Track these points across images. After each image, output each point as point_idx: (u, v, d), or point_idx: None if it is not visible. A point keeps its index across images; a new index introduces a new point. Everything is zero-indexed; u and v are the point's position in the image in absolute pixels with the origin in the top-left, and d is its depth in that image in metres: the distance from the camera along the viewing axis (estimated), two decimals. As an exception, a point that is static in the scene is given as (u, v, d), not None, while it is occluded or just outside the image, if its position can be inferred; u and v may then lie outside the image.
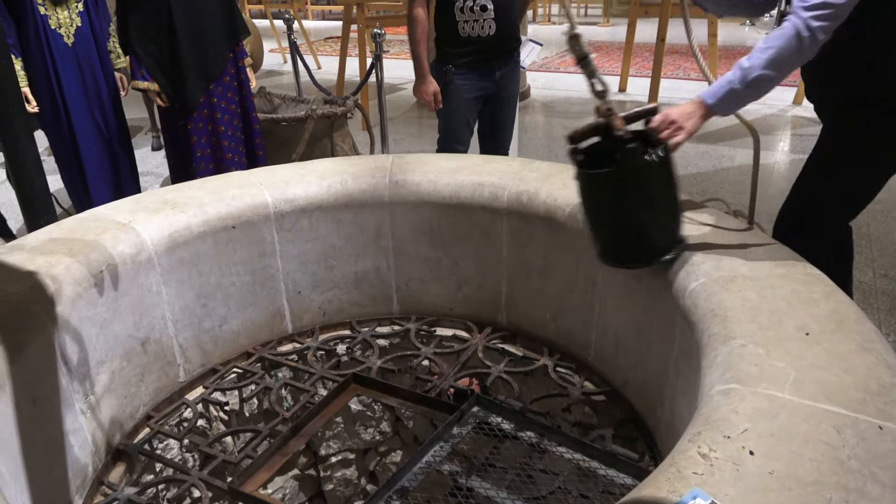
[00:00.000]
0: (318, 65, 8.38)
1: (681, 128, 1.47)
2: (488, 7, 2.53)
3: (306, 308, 2.08)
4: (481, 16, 2.54)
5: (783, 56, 1.46)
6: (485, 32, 2.57)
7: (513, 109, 2.88)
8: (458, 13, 2.53)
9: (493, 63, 2.65)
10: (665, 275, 1.47)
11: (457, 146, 2.79)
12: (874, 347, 1.12)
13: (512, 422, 1.63)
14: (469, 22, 2.54)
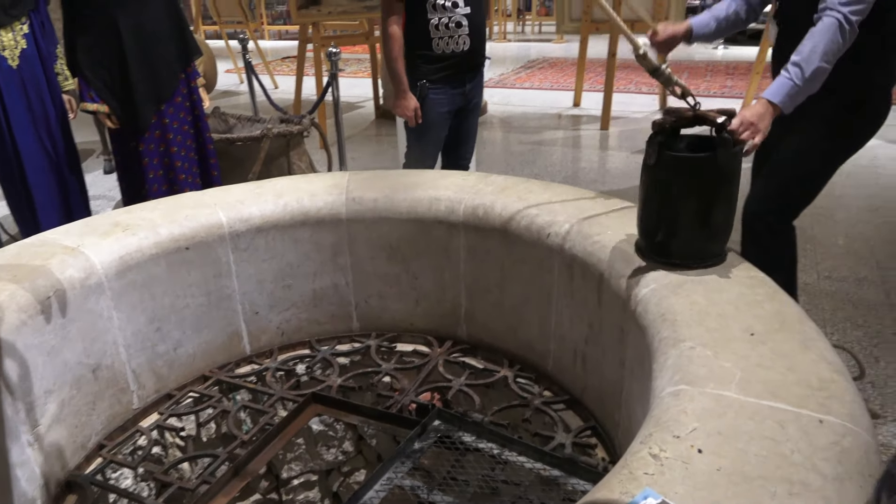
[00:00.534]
0: (275, 84, 8.34)
1: (758, 129, 1.60)
2: (463, 24, 2.57)
3: (264, 328, 2.05)
4: (456, 32, 2.57)
5: (832, 48, 1.65)
6: (459, 48, 2.61)
7: (476, 120, 2.93)
8: (434, 30, 2.56)
9: (465, 76, 2.70)
10: (616, 282, 1.50)
11: (428, 161, 2.80)
12: (815, 345, 1.16)
13: (473, 434, 1.63)
14: (444, 38, 2.57)
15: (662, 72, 1.37)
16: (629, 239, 1.60)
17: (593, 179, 4.41)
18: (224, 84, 8.63)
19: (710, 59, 9.38)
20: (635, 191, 2.37)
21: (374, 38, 5.95)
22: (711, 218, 1.41)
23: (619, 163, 4.82)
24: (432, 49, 2.58)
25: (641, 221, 1.49)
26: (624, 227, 1.67)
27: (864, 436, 0.96)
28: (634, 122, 6.05)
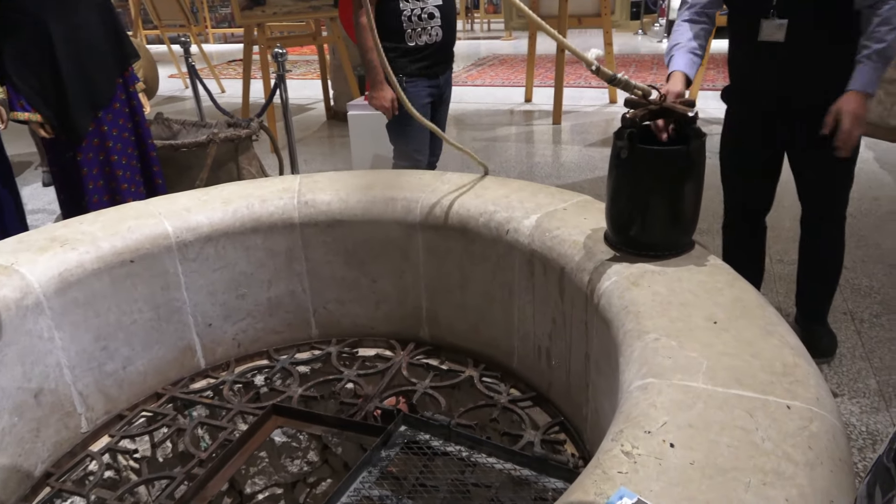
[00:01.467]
0: (221, 88, 8.15)
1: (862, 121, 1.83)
2: (436, 15, 2.54)
3: (219, 340, 1.97)
4: (429, 23, 2.54)
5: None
6: (432, 40, 2.57)
7: (446, 115, 2.90)
8: (406, 21, 2.51)
9: (439, 68, 2.66)
10: (578, 276, 1.48)
11: (417, 156, 2.74)
12: (776, 330, 1.17)
13: (440, 438, 1.60)
14: (416, 30, 2.53)
15: (620, 79, 1.36)
16: (589, 232, 1.59)
17: (548, 174, 4.42)
18: (168, 89, 8.39)
19: (655, 52, 9.57)
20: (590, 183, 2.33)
21: (322, 38, 5.85)
22: (683, 208, 1.41)
23: (573, 156, 4.85)
24: (405, 41, 2.54)
25: (613, 215, 1.48)
26: (583, 221, 1.66)
27: (831, 419, 0.96)
28: (585, 115, 6.12)
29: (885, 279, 2.78)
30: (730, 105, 2.25)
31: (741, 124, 2.20)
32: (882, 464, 0.52)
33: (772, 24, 2.00)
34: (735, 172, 2.26)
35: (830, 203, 2.13)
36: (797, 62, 1.99)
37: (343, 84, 6.03)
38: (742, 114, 2.20)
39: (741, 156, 2.22)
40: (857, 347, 2.29)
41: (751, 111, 2.15)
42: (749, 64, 2.11)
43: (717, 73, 7.72)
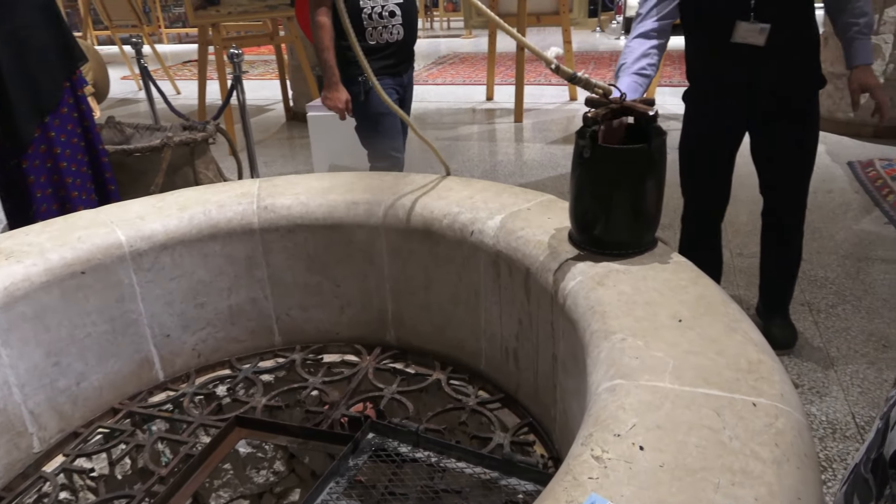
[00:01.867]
0: (176, 90, 7.96)
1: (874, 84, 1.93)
2: (397, 13, 2.50)
3: (178, 351, 1.91)
4: (390, 21, 2.50)
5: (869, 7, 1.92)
6: (393, 38, 2.53)
7: (409, 112, 2.87)
8: (367, 20, 2.46)
9: (401, 67, 2.62)
10: (544, 277, 1.48)
11: (393, 153, 2.68)
12: (740, 326, 1.18)
13: (409, 444, 1.58)
14: (378, 28, 2.48)
15: (580, 78, 1.35)
16: (554, 232, 1.58)
17: (511, 172, 4.43)
18: (121, 92, 8.17)
19: (613, 50, 9.69)
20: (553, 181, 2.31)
21: (280, 38, 5.76)
22: (646, 207, 1.42)
23: (536, 154, 4.88)
24: (366, 39, 2.49)
25: (576, 215, 1.48)
26: (547, 220, 1.65)
27: (795, 415, 0.97)
28: (546, 113, 6.16)
29: (839, 270, 2.86)
30: (691, 105, 2.27)
31: (699, 117, 2.23)
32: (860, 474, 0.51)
33: (751, 28, 2.00)
34: (695, 169, 2.29)
35: (791, 196, 2.18)
36: (770, 61, 2.01)
37: (302, 84, 5.94)
38: (699, 106, 2.23)
39: (702, 152, 2.25)
40: (815, 338, 2.35)
41: (714, 110, 2.17)
42: (715, 64, 2.11)
43: (673, 69, 7.85)
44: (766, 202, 2.26)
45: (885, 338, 2.31)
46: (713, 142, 2.22)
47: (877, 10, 4.52)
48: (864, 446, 0.55)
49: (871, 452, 0.50)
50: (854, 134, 4.75)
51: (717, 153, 2.22)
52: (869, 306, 2.53)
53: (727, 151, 2.22)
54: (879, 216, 3.37)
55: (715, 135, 2.21)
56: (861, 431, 1.86)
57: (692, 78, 2.26)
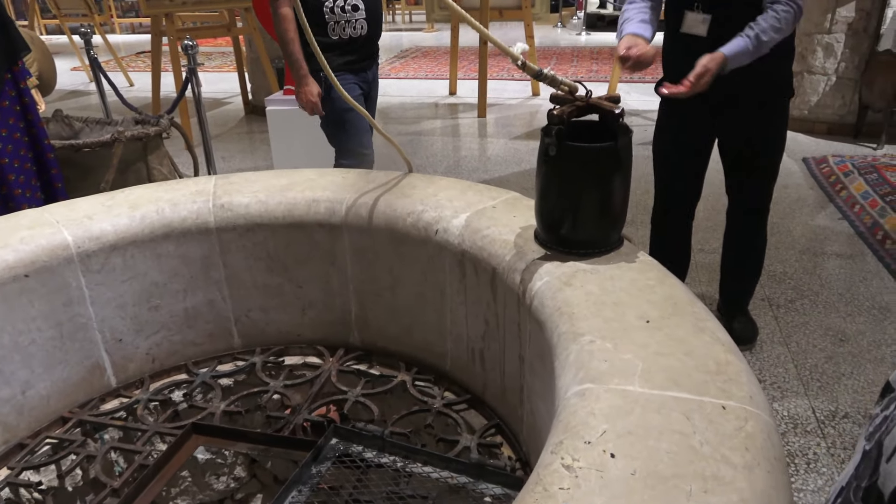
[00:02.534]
0: (129, 82, 7.72)
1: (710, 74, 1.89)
2: (360, 7, 2.41)
3: (130, 356, 1.83)
4: (353, 16, 2.40)
5: (786, 27, 1.91)
6: (356, 33, 2.43)
7: (375, 109, 2.79)
8: (329, 14, 2.36)
9: (365, 63, 2.54)
10: (510, 277, 1.45)
11: (364, 150, 2.58)
12: (707, 326, 1.17)
13: (374, 449, 1.54)
14: (340, 23, 2.38)
15: (546, 75, 1.33)
16: (520, 231, 1.56)
17: (475, 168, 4.41)
18: (71, 83, 7.88)
19: (574, 45, 9.75)
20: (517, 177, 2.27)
21: (237, 29, 5.61)
22: (612, 205, 1.40)
23: (499, 150, 4.86)
24: (328, 35, 2.40)
25: (542, 214, 1.45)
26: (513, 219, 1.63)
27: (764, 417, 0.96)
28: (509, 108, 6.15)
29: (797, 265, 2.92)
30: (663, 98, 2.27)
31: (672, 116, 2.23)
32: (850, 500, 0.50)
33: (696, 17, 2.03)
34: (667, 164, 2.29)
35: (756, 196, 2.20)
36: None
37: (261, 77, 5.81)
38: (672, 105, 2.23)
39: (673, 148, 2.25)
40: (775, 333, 2.38)
41: (679, 103, 2.18)
42: (673, 55, 2.14)
43: (633, 65, 7.94)
44: (730, 202, 2.29)
45: (842, 332, 2.37)
46: (684, 137, 2.22)
47: (829, 10, 4.63)
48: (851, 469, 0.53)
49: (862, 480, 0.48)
50: (808, 130, 4.87)
51: (688, 148, 2.23)
52: (826, 301, 2.59)
53: (699, 147, 2.22)
54: (833, 212, 3.46)
55: (685, 129, 2.22)
56: (821, 426, 1.90)
57: (664, 67, 2.26)
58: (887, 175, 3.83)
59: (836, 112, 4.81)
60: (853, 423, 1.91)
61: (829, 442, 1.84)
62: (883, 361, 2.19)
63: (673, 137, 2.25)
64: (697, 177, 2.28)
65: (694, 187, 2.30)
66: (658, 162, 2.31)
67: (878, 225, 3.23)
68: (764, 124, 2.10)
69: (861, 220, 3.33)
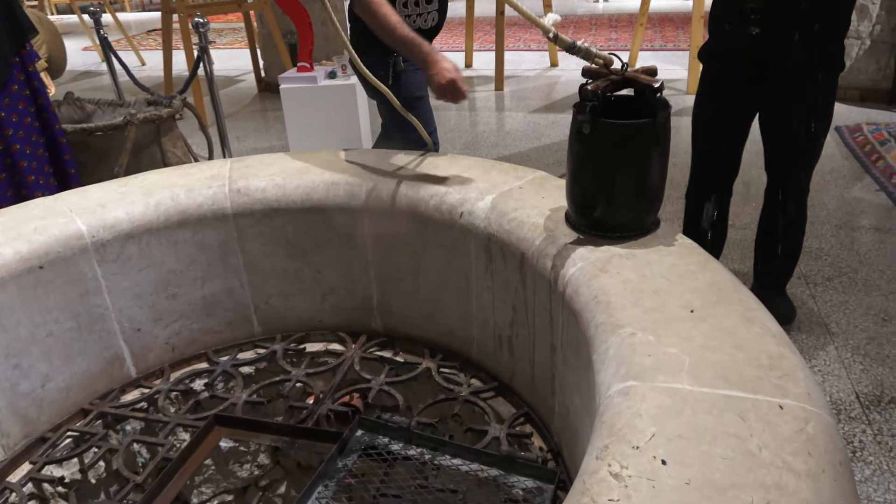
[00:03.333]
0: (141, 61, 7.65)
1: None
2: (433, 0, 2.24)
3: (150, 346, 1.80)
4: (426, 9, 2.24)
5: None
6: (427, 25, 2.26)
7: None
8: (402, 8, 2.16)
9: None
10: (540, 262, 1.38)
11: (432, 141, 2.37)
12: (756, 316, 1.10)
13: (400, 441, 1.49)
14: (412, 16, 2.20)
15: (580, 48, 1.24)
16: (549, 213, 1.49)
17: (494, 143, 4.31)
18: (83, 64, 7.83)
19: (592, 13, 9.50)
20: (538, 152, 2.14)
21: (248, 4, 5.50)
22: (649, 186, 1.32)
23: (518, 124, 4.75)
24: None
25: (575, 195, 1.37)
26: (541, 200, 1.55)
27: (826, 417, 0.89)
28: (527, 80, 6.01)
29: (833, 240, 2.81)
30: (706, 64, 2.14)
31: (719, 89, 2.10)
32: None
33: None
34: (710, 139, 2.17)
35: (799, 175, 2.09)
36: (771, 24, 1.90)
37: (274, 54, 5.72)
38: (715, 72, 2.11)
39: (717, 122, 2.13)
40: (813, 313, 2.30)
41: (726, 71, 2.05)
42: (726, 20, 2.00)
43: (654, 32, 7.72)
44: (770, 180, 2.18)
45: (885, 311, 2.27)
46: (729, 111, 2.10)
47: (863, -29, 4.42)
48: None
49: None
50: (840, 97, 4.65)
51: (733, 123, 2.11)
52: (866, 278, 2.48)
53: (744, 122, 2.10)
54: (870, 183, 3.32)
55: (732, 104, 2.08)
56: (866, 412, 1.82)
57: (710, 33, 2.11)
58: (925, 143, 3.68)
59: (871, 77, 4.61)
60: (900, 409, 1.83)
61: (874, 429, 1.76)
62: (929, 342, 2.10)
63: (718, 111, 2.12)
64: (738, 152, 2.17)
65: (735, 163, 2.19)
66: (700, 136, 2.19)
67: (917, 196, 3.10)
68: (814, 101, 1.97)
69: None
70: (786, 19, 1.87)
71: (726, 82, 2.05)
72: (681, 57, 6.38)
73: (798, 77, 1.93)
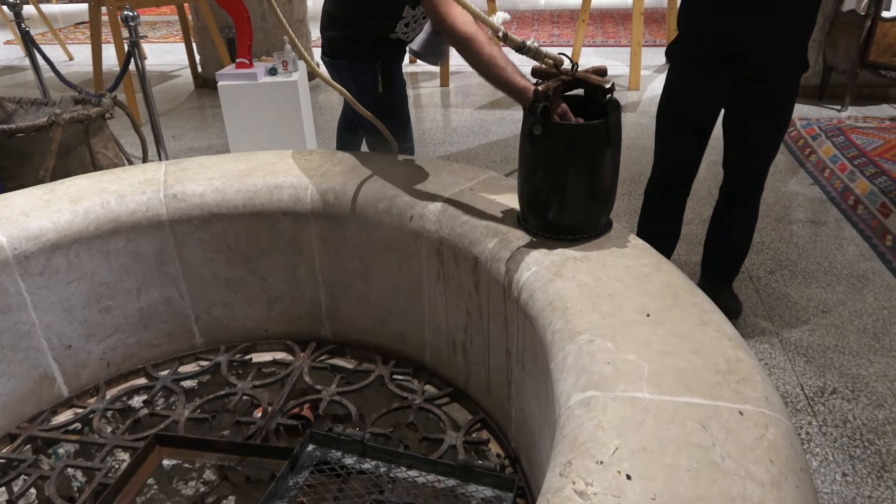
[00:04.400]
0: (69, 56, 7.27)
1: None
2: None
3: (83, 363, 1.69)
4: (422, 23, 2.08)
5: None
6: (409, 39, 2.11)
7: None
8: (403, 28, 2.01)
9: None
10: (494, 266, 1.35)
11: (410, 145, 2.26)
12: (711, 319, 1.09)
13: (354, 454, 1.44)
14: (406, 32, 2.05)
15: (529, 47, 1.22)
16: (502, 215, 1.46)
17: (441, 140, 4.27)
18: (5, 58, 7.40)
19: (534, 8, 9.57)
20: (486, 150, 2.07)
21: (182, -4, 5.28)
22: (602, 187, 1.31)
23: (465, 120, 4.72)
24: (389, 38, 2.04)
25: (528, 198, 1.35)
26: (493, 202, 1.52)
27: (784, 421, 0.89)
28: (472, 76, 5.96)
29: (773, 234, 2.88)
30: (674, 62, 2.12)
31: (689, 86, 2.08)
32: None
33: None
34: (677, 136, 2.16)
35: (757, 173, 2.11)
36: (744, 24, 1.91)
37: (211, 48, 5.51)
38: (684, 70, 2.09)
39: (685, 119, 2.12)
40: (758, 307, 2.35)
41: (695, 69, 2.03)
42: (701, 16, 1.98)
43: (595, 28, 7.82)
44: (728, 177, 2.19)
45: (823, 303, 2.34)
46: (699, 108, 2.08)
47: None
48: None
49: None
50: (772, 93, 4.83)
51: (701, 120, 2.10)
52: (805, 270, 2.56)
53: (710, 119, 2.10)
54: (805, 177, 3.43)
55: (702, 101, 2.07)
56: (811, 403, 1.87)
57: (681, 27, 2.07)
58: (853, 137, 3.83)
59: (801, 74, 4.78)
60: (842, 399, 1.88)
61: (819, 420, 1.81)
62: (865, 332, 2.17)
63: (687, 108, 2.10)
64: (702, 150, 2.17)
65: (698, 160, 2.19)
66: (666, 133, 2.17)
67: (849, 189, 3.22)
68: (781, 100, 1.99)
69: (832, 184, 3.32)
70: (759, 20, 1.88)
71: (695, 80, 2.05)
72: (622, 53, 6.48)
73: (769, 77, 1.94)
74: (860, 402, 1.87)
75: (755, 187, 2.15)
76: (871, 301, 2.34)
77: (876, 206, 3.04)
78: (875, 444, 1.74)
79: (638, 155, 3.74)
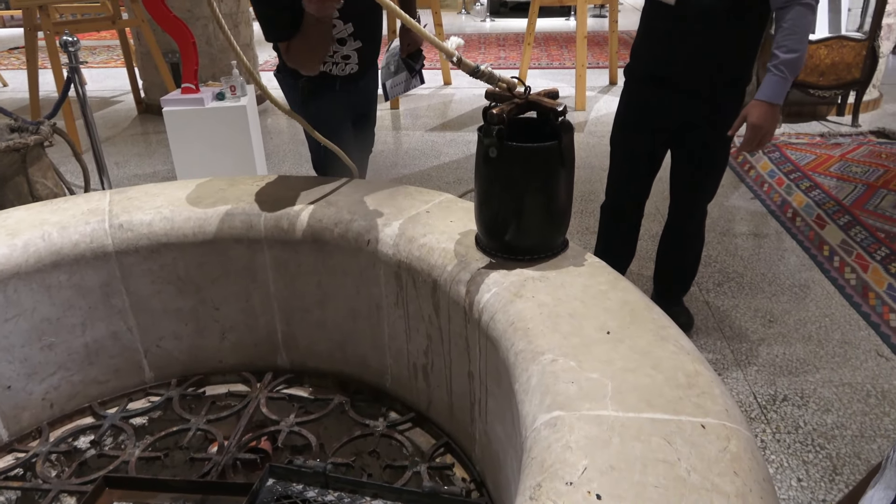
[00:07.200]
0: (3, 82, 7.01)
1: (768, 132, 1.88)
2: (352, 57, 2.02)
3: (23, 404, 1.60)
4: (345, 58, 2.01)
5: (804, 27, 1.79)
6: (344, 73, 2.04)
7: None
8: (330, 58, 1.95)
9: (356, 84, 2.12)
10: (453, 289, 1.35)
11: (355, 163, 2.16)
12: (669, 334, 1.11)
13: (316, 486, 1.40)
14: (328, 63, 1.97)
15: (484, 72, 1.23)
16: (459, 237, 1.46)
17: (393, 163, 4.27)
18: (-67, 85, 7.06)
19: (479, 31, 9.73)
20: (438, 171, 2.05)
21: (123, 21, 5.17)
22: (557, 207, 1.32)
23: (416, 143, 4.74)
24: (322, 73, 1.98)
25: (485, 219, 1.35)
26: (450, 224, 1.52)
27: (744, 432, 0.91)
28: (421, 98, 6.03)
29: (719, 247, 2.98)
30: (628, 84, 2.16)
31: (635, 104, 2.11)
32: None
33: None
34: (632, 158, 2.18)
35: (707, 191, 2.16)
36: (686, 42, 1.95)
37: (154, 73, 5.40)
38: (636, 93, 2.12)
39: (641, 142, 2.14)
40: (708, 319, 2.41)
41: (647, 91, 2.07)
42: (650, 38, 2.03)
43: (540, 51, 8.01)
44: (677, 197, 2.22)
45: (769, 312, 2.42)
46: (653, 130, 2.11)
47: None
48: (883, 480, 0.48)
49: None
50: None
51: (656, 142, 2.13)
52: (751, 282, 2.65)
53: (665, 140, 2.13)
54: (745, 192, 3.57)
55: (658, 122, 2.09)
56: (764, 411, 1.92)
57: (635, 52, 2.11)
58: (788, 153, 4.01)
59: (737, 92, 4.98)
60: (793, 406, 1.94)
61: (773, 427, 1.86)
62: (810, 339, 2.25)
63: (637, 131, 2.13)
64: (655, 171, 2.21)
65: (650, 181, 2.23)
66: (621, 156, 2.20)
67: (787, 203, 3.36)
68: (731, 116, 2.05)
69: (771, 198, 3.46)
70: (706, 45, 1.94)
71: (646, 102, 2.09)
72: (566, 74, 6.64)
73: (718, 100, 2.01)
74: (809, 408, 1.93)
75: (703, 209, 2.22)
76: (813, 309, 2.43)
77: (812, 217, 3.18)
78: (826, 448, 1.80)
79: (587, 174, 3.82)
